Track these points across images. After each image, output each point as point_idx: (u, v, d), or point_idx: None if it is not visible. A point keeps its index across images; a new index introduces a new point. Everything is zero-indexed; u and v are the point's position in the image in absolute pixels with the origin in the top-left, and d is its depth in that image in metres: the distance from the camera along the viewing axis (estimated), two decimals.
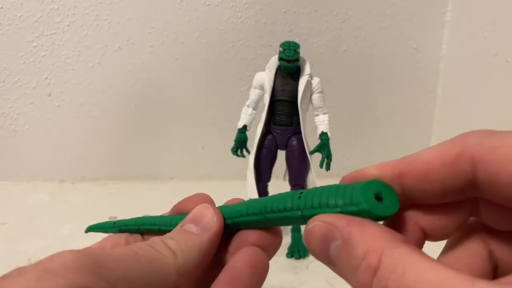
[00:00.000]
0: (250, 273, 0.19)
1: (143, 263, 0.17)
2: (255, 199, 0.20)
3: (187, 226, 0.20)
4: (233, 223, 0.20)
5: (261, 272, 0.19)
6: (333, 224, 0.15)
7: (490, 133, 0.15)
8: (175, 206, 0.23)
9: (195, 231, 0.20)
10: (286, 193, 0.19)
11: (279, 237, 0.21)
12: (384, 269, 0.14)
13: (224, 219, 0.20)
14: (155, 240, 0.19)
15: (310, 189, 0.18)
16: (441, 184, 0.16)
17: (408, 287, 0.13)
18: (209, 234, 0.20)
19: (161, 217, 0.23)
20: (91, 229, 0.26)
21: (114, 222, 0.25)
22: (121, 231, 0.24)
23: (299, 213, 0.17)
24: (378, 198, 0.16)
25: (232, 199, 0.22)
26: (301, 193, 0.18)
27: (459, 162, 0.15)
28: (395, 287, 0.13)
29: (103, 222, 0.26)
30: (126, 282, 0.16)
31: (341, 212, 0.16)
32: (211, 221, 0.20)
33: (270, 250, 0.21)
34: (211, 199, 0.22)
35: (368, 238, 0.15)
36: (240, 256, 0.19)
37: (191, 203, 0.22)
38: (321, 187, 0.17)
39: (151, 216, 0.23)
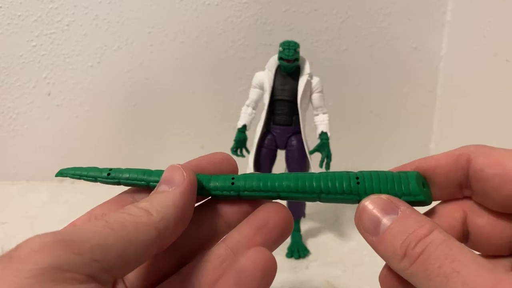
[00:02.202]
0: (260, 276, 0.19)
1: (116, 228, 0.17)
2: (287, 175, 0.21)
3: (160, 187, 0.20)
4: (278, 195, 0.21)
5: (271, 276, 0.20)
6: (394, 202, 0.19)
7: (491, 147, 0.20)
8: (192, 162, 0.23)
9: (167, 190, 0.20)
10: (338, 173, 0.20)
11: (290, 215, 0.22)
12: (434, 237, 0.16)
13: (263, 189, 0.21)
14: (128, 206, 0.19)
15: (365, 174, 0.20)
16: (445, 177, 0.20)
17: (452, 259, 0.15)
18: (180, 188, 0.20)
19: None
20: (62, 174, 0.24)
21: (110, 170, 0.22)
22: (118, 183, 0.22)
23: (357, 197, 0.20)
24: (423, 186, 0.20)
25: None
26: (357, 178, 0.20)
27: (459, 160, 0.20)
28: (440, 255, 0.16)
29: (87, 167, 0.23)
30: (102, 250, 0.16)
31: None
32: (181, 178, 0.20)
33: (290, 230, 0.21)
34: (230, 157, 0.23)
35: (423, 217, 0.18)
36: (252, 258, 0.19)
37: (207, 160, 0.23)
38: (375, 172, 0.20)
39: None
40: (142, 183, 0.22)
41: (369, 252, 0.49)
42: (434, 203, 0.21)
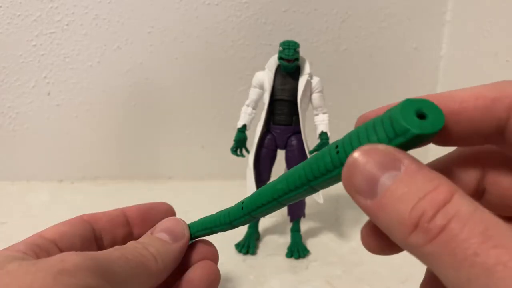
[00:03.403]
0: (206, 285, 0.22)
1: (133, 267, 0.19)
2: (283, 177, 0.19)
3: (160, 234, 0.23)
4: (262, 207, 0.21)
5: (215, 284, 0.23)
6: (394, 154, 0.13)
7: None
8: (140, 206, 0.26)
9: (168, 240, 0.22)
10: (319, 153, 0.16)
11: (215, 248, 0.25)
12: (458, 206, 0.12)
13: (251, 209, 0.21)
14: (137, 245, 0.21)
15: (345, 137, 0.15)
16: (471, 127, 0.15)
17: (493, 244, 0.11)
18: (181, 243, 0.23)
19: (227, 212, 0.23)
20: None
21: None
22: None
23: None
24: (421, 116, 0.14)
25: None
26: (337, 146, 0.15)
27: (495, 105, 0.14)
28: (473, 236, 0.11)
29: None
30: (121, 282, 0.18)
31: None
32: (183, 232, 0.23)
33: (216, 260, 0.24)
34: (173, 210, 0.26)
35: (435, 173, 0.13)
36: (197, 269, 0.23)
37: (158, 212, 0.25)
38: (355, 129, 0.15)
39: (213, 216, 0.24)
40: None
41: (369, 252, 0.48)
42: (441, 149, 0.16)
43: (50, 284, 0.15)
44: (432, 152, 0.29)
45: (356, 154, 0.14)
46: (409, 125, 0.13)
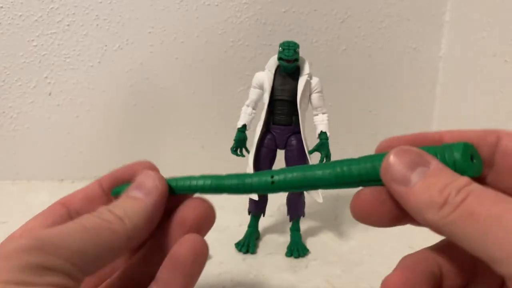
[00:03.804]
0: (192, 259, 0.20)
1: (93, 234, 0.18)
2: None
3: (132, 192, 0.21)
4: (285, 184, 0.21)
5: (202, 258, 0.21)
6: (424, 155, 0.18)
7: None
8: (114, 173, 0.24)
9: (140, 196, 0.21)
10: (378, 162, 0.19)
11: (214, 213, 0.23)
12: (475, 186, 0.16)
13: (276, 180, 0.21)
14: (102, 210, 0.20)
15: None
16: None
17: (500, 201, 0.15)
18: (153, 197, 0.21)
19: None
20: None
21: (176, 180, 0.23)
22: (174, 191, 0.23)
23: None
24: (471, 159, 0.18)
25: None
26: None
27: (487, 136, 0.19)
28: (486, 199, 0.16)
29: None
30: (80, 255, 0.17)
31: None
32: (154, 186, 0.21)
33: (207, 227, 0.23)
34: (154, 166, 0.24)
35: (456, 173, 0.17)
36: (182, 243, 0.21)
37: (133, 170, 0.24)
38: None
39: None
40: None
41: (368, 252, 0.49)
42: None
43: None
44: None
45: (395, 150, 0.18)
46: (467, 169, 0.18)
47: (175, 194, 0.23)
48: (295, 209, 0.49)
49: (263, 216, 0.51)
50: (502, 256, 0.14)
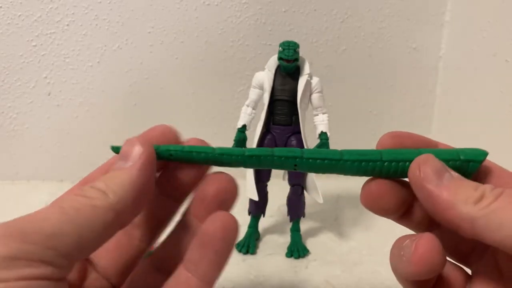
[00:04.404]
0: (221, 237, 0.19)
1: (72, 214, 0.16)
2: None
3: (116, 164, 0.20)
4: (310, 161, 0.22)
5: (233, 235, 0.20)
6: (444, 164, 0.20)
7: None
8: (143, 136, 0.23)
9: (124, 166, 0.19)
10: (400, 157, 0.21)
11: (236, 187, 0.22)
12: (499, 188, 0.18)
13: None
14: (84, 187, 0.18)
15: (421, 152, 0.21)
16: None
17: None
18: (137, 164, 0.19)
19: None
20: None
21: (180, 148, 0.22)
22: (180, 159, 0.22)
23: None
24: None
25: None
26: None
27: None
28: (509, 199, 0.17)
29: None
30: (56, 238, 0.15)
31: None
32: (137, 152, 0.20)
33: (230, 203, 0.21)
34: (171, 129, 0.23)
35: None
36: (211, 221, 0.20)
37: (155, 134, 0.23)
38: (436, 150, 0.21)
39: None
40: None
41: (368, 252, 0.49)
42: None
43: None
44: None
45: (424, 156, 0.20)
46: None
47: (169, 160, 0.22)
48: (295, 210, 0.49)
49: (263, 216, 0.50)
50: None
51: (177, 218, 0.23)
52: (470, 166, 0.20)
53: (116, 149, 0.23)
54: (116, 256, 0.21)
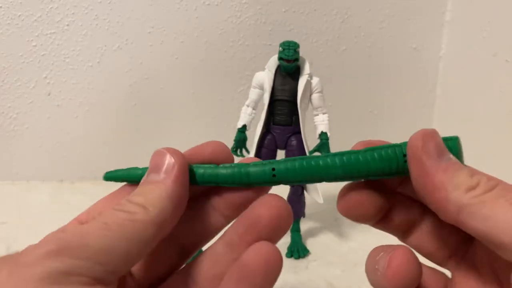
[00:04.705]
0: (263, 271, 0.18)
1: (116, 230, 0.16)
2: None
3: (149, 177, 0.19)
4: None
5: (276, 270, 0.19)
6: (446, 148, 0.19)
7: None
8: (189, 152, 0.22)
9: (158, 179, 0.19)
10: (384, 155, 0.20)
11: (291, 215, 0.20)
12: (496, 178, 0.17)
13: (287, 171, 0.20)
14: (122, 202, 0.18)
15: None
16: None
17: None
18: (172, 176, 0.19)
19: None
20: (111, 178, 0.22)
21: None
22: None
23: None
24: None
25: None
26: (405, 155, 0.19)
27: None
28: (507, 190, 0.17)
29: (133, 168, 0.22)
30: (105, 253, 0.16)
31: None
32: (170, 163, 0.19)
33: (282, 232, 0.20)
34: (225, 146, 0.22)
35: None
36: (254, 251, 0.18)
37: (205, 150, 0.22)
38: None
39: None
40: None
41: (368, 252, 0.49)
42: None
43: (5, 283, 0.14)
44: None
45: (428, 130, 0.19)
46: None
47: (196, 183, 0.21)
48: (295, 210, 0.49)
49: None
50: None
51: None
52: (449, 144, 0.19)
53: (108, 178, 0.22)
54: (149, 264, 0.21)
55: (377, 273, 0.19)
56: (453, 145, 0.19)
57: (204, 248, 0.22)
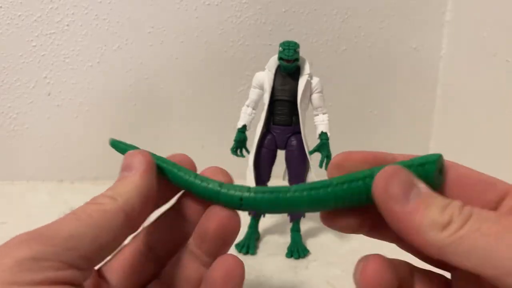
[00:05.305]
0: (225, 282, 0.21)
1: (85, 218, 0.18)
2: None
3: (121, 174, 0.22)
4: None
5: (238, 280, 0.21)
6: (413, 177, 0.18)
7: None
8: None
9: (128, 175, 0.21)
10: (352, 189, 0.19)
11: (238, 222, 0.22)
12: (468, 208, 0.17)
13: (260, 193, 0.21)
14: (94, 197, 0.20)
15: (370, 172, 0.19)
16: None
17: (493, 231, 0.16)
18: (140, 171, 0.21)
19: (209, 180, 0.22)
20: (117, 145, 0.25)
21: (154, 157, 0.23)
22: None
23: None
24: (440, 171, 0.19)
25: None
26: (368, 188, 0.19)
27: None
28: (482, 221, 0.16)
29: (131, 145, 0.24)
30: (74, 239, 0.17)
31: None
32: (139, 161, 0.21)
33: (230, 240, 0.22)
34: (222, 169, 0.23)
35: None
36: (217, 267, 0.21)
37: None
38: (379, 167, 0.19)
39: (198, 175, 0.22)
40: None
41: (368, 252, 0.49)
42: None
43: None
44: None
45: (390, 169, 0.18)
46: (438, 183, 0.19)
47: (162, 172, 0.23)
48: None
49: (263, 216, 0.50)
50: None
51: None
52: (426, 168, 0.18)
53: (114, 144, 0.26)
54: (129, 276, 0.22)
55: (356, 281, 0.20)
56: (430, 169, 0.18)
57: None
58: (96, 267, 0.21)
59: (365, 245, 0.23)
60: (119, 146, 0.25)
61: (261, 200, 0.20)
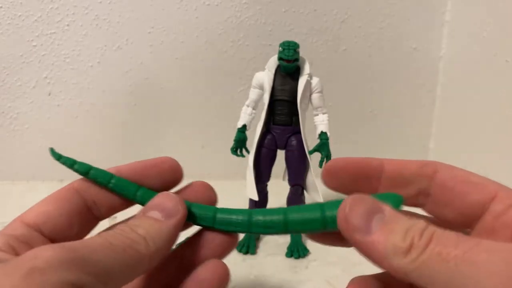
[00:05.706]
0: (217, 285, 0.22)
1: (120, 253, 0.18)
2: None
3: (151, 213, 0.21)
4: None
5: (225, 284, 0.22)
6: (378, 202, 0.18)
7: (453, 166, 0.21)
8: (133, 165, 0.25)
9: (159, 218, 0.21)
10: (314, 220, 0.21)
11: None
12: (434, 227, 0.17)
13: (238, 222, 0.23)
14: (124, 228, 0.19)
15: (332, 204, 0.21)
16: (409, 181, 0.21)
17: (449, 243, 0.16)
18: (174, 220, 0.21)
19: (142, 188, 0.23)
20: (58, 157, 0.25)
21: (90, 169, 0.24)
22: (89, 178, 0.24)
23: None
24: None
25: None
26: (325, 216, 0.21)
27: (425, 168, 0.21)
28: (451, 239, 0.16)
29: (73, 160, 0.25)
30: (106, 272, 0.17)
31: None
32: (175, 208, 0.21)
33: (227, 251, 0.24)
34: (177, 163, 0.25)
35: (409, 217, 0.18)
36: (208, 268, 0.22)
37: (160, 170, 0.25)
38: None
39: (131, 183, 0.23)
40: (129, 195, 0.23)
41: None
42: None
43: (20, 287, 0.14)
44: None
45: (351, 199, 0.18)
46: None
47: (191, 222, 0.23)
48: None
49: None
50: None
51: None
52: (390, 199, 0.19)
53: (55, 155, 0.25)
54: None
55: None
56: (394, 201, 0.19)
57: None
58: None
59: None
60: (60, 158, 0.25)
61: (229, 222, 0.23)
